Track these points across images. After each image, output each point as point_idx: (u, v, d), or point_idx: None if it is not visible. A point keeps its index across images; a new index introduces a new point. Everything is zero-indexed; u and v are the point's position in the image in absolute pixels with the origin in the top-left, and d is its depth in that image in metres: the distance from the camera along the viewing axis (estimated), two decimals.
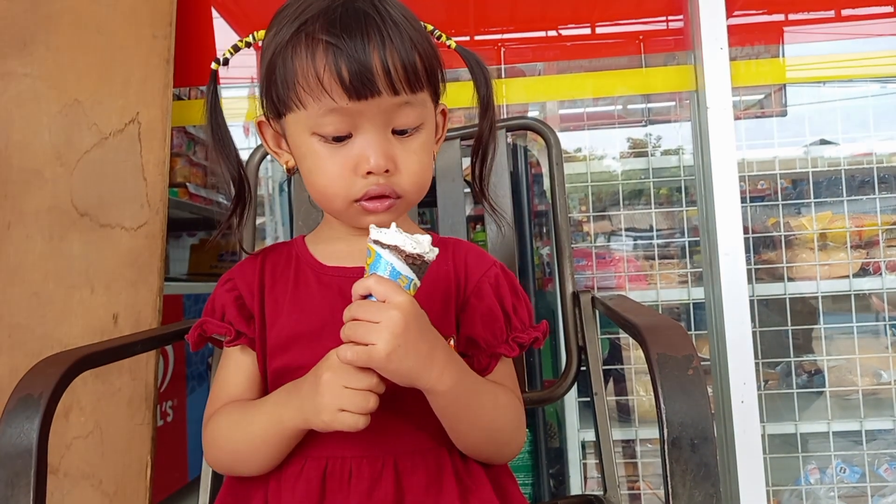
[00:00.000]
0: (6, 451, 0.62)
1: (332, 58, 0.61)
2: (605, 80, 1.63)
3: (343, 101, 0.62)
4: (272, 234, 3.40)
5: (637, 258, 1.79)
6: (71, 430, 1.29)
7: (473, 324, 0.71)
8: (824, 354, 1.71)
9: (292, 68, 0.63)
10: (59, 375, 0.68)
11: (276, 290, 0.73)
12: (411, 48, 0.64)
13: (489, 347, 0.71)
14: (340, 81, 0.62)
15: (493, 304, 0.72)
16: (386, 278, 0.60)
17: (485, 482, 0.70)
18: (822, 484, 1.67)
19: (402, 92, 0.64)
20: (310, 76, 0.62)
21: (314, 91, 0.62)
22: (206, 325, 0.72)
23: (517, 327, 0.73)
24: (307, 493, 0.66)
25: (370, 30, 0.62)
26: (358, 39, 0.61)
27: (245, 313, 0.72)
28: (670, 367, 0.58)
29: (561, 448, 1.79)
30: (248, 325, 0.72)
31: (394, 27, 0.63)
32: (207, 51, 1.60)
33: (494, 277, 0.74)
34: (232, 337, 0.71)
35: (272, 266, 0.75)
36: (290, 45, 0.63)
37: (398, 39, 0.63)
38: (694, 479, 0.54)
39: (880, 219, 1.69)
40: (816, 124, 1.77)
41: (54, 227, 1.36)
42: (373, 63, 0.61)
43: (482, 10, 1.66)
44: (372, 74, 0.62)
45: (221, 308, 0.73)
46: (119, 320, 1.34)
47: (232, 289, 0.74)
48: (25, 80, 1.41)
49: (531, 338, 0.72)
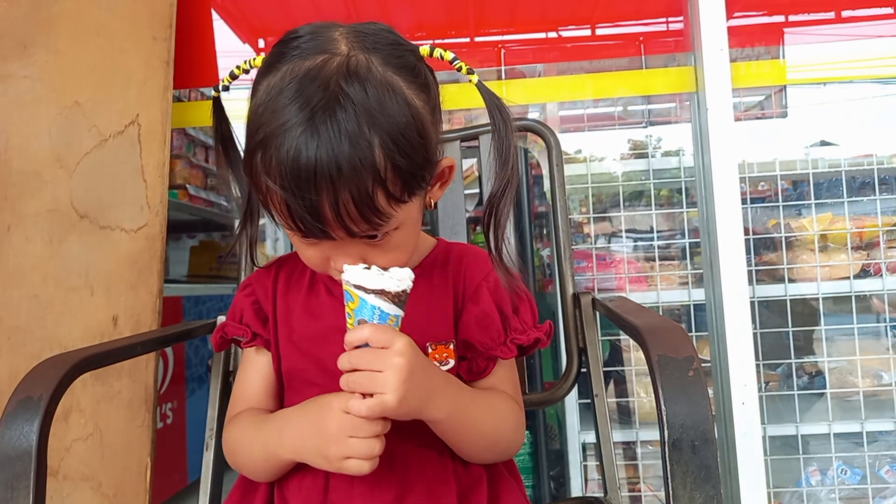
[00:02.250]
0: (6, 454, 0.62)
1: (282, 199, 0.58)
2: (605, 82, 1.63)
3: (299, 237, 0.63)
4: (272, 236, 3.40)
5: (637, 259, 1.79)
6: (71, 433, 1.29)
7: (470, 328, 0.72)
8: (825, 356, 1.71)
9: (257, 183, 0.61)
10: (58, 377, 0.68)
11: (289, 296, 0.76)
12: (371, 180, 0.57)
13: (486, 350, 0.72)
14: (294, 225, 0.60)
15: (490, 308, 0.73)
16: (380, 325, 0.59)
17: (482, 482, 0.71)
18: (823, 485, 1.66)
19: (357, 231, 0.60)
20: (269, 206, 0.61)
21: (274, 217, 0.62)
22: (228, 328, 0.77)
23: (517, 328, 0.73)
24: (312, 490, 0.68)
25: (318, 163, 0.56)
26: (305, 179, 0.56)
27: (261, 316, 0.76)
28: (671, 368, 0.58)
29: (561, 450, 1.79)
30: (264, 328, 0.76)
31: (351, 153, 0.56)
32: (207, 53, 1.60)
33: (494, 281, 0.74)
34: (249, 338, 0.75)
35: (287, 274, 0.78)
36: (256, 156, 0.59)
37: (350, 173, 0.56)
38: (695, 480, 0.54)
39: (881, 220, 1.69)
40: (817, 125, 1.78)
41: (54, 230, 1.36)
42: (324, 211, 0.57)
43: (482, 11, 1.66)
44: (322, 222, 0.58)
45: (240, 312, 0.77)
46: (119, 322, 1.34)
47: (250, 294, 0.78)
48: (25, 82, 1.41)
49: (531, 339, 0.73)
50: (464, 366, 0.72)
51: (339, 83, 0.57)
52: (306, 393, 0.70)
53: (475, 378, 0.73)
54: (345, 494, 0.67)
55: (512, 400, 0.73)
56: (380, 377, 0.58)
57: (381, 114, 0.58)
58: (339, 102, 0.57)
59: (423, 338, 0.60)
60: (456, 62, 0.68)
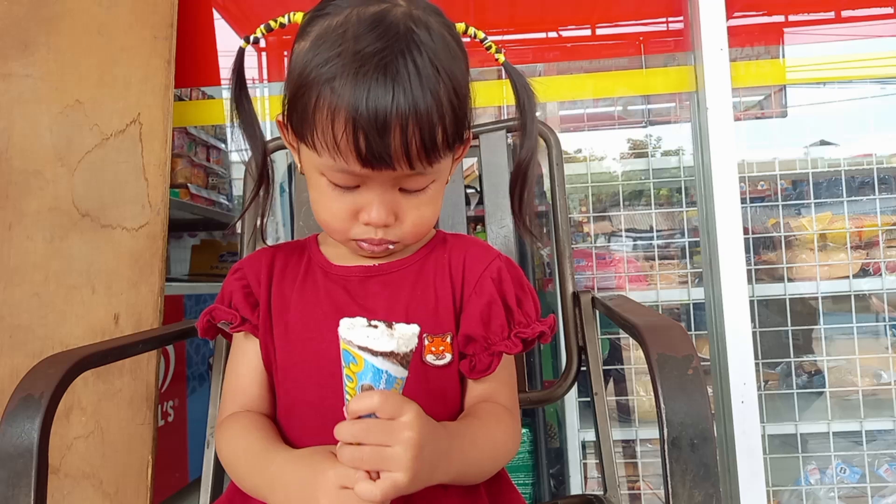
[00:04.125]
0: (7, 452, 0.62)
1: (351, 129, 0.59)
2: (605, 81, 1.63)
3: (356, 168, 0.62)
4: (273, 235, 3.39)
5: (637, 259, 1.79)
6: (72, 431, 1.29)
7: (472, 322, 0.70)
8: (824, 355, 1.71)
9: (313, 117, 0.62)
10: (59, 376, 0.68)
11: (284, 284, 0.75)
12: (438, 121, 0.61)
13: (490, 346, 0.70)
14: (356, 152, 0.60)
15: (494, 300, 0.71)
16: (389, 392, 0.54)
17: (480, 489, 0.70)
18: (822, 484, 1.67)
19: (417, 167, 0.62)
20: (328, 136, 0.61)
21: (329, 150, 0.61)
22: (215, 311, 0.74)
23: (521, 322, 0.71)
24: None
25: (396, 102, 0.58)
26: (381, 114, 0.58)
27: (251, 301, 0.74)
28: (670, 367, 0.58)
29: (561, 448, 1.79)
30: (253, 313, 0.74)
31: (424, 94, 0.59)
32: (208, 52, 1.60)
33: (497, 271, 0.73)
34: (237, 323, 0.73)
35: (283, 261, 0.76)
36: (316, 91, 0.61)
37: (425, 112, 0.60)
38: (694, 479, 0.54)
39: (880, 219, 1.69)
40: (816, 125, 1.78)
41: (55, 228, 1.37)
42: (391, 142, 0.59)
43: (482, 11, 1.66)
44: (389, 151, 0.60)
45: (229, 295, 0.75)
46: (120, 321, 1.34)
47: (240, 278, 0.75)
48: (26, 81, 1.41)
49: (536, 332, 0.71)
50: (465, 364, 0.70)
51: (410, 26, 0.61)
52: (299, 394, 0.70)
53: (478, 376, 0.71)
54: None
55: (508, 416, 0.71)
56: (389, 453, 0.53)
57: (446, 61, 0.62)
58: (414, 42, 0.60)
59: (420, 329, 0.56)
60: (486, 41, 0.74)
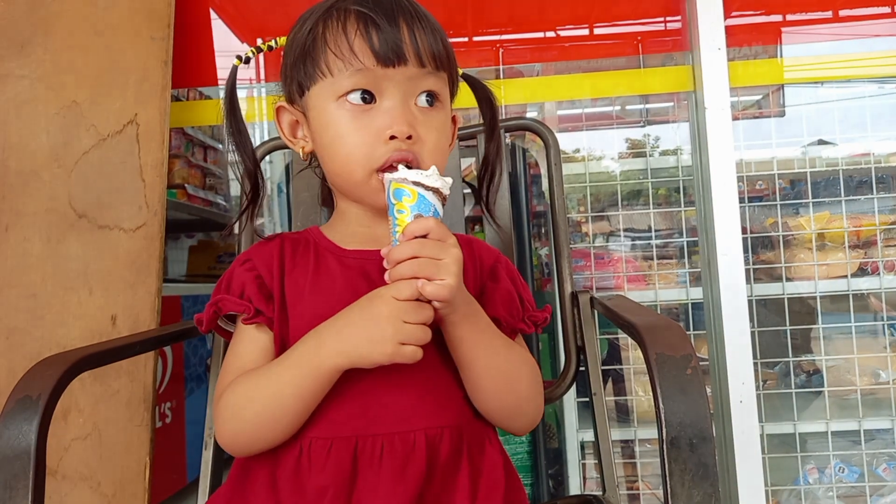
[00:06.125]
0: (4, 453, 0.62)
1: (363, 25, 0.66)
2: (603, 81, 1.63)
3: (371, 63, 0.66)
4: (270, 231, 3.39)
5: (635, 258, 1.79)
6: (69, 432, 1.29)
7: (495, 304, 0.73)
8: (823, 354, 1.71)
9: (322, 38, 0.68)
10: (57, 377, 0.68)
11: (295, 273, 0.71)
12: (437, 31, 0.70)
13: (509, 325, 0.74)
14: (370, 46, 0.66)
15: (509, 286, 0.75)
16: (439, 220, 0.64)
17: (498, 465, 0.69)
18: (821, 484, 1.67)
19: (427, 65, 0.68)
20: (341, 42, 0.67)
21: (344, 55, 0.66)
22: (223, 302, 0.69)
23: (529, 308, 0.76)
24: (337, 473, 0.64)
25: (401, 7, 0.68)
26: (389, 12, 0.67)
27: (265, 292, 0.69)
28: (669, 367, 0.58)
29: (560, 448, 1.79)
30: (268, 305, 0.69)
31: (422, 15, 0.69)
32: (205, 52, 1.60)
33: (504, 263, 0.78)
34: (251, 314, 0.68)
35: (291, 250, 0.73)
36: (320, 21, 0.68)
37: (425, 23, 0.68)
38: (693, 478, 0.54)
39: (878, 219, 1.69)
40: (814, 125, 1.77)
41: (52, 229, 1.36)
42: (402, 33, 0.67)
43: (480, 10, 1.66)
44: (401, 43, 0.66)
45: (240, 286, 0.70)
46: (117, 322, 1.34)
47: (251, 268, 0.71)
48: (23, 81, 1.41)
49: (542, 318, 0.76)
50: None
51: None
52: None
53: None
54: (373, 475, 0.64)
55: (528, 353, 0.75)
56: (443, 265, 0.61)
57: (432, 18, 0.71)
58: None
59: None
60: None
